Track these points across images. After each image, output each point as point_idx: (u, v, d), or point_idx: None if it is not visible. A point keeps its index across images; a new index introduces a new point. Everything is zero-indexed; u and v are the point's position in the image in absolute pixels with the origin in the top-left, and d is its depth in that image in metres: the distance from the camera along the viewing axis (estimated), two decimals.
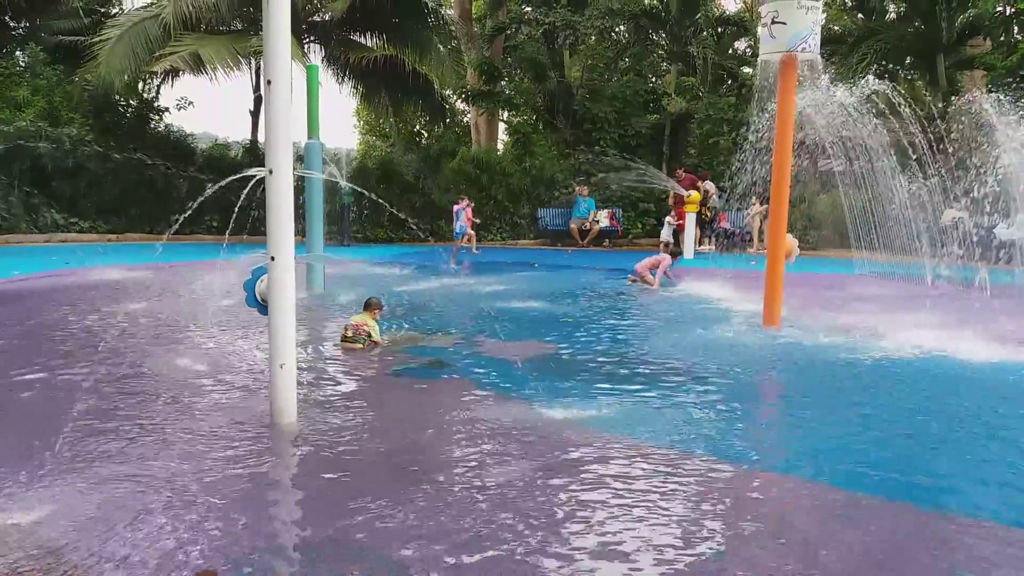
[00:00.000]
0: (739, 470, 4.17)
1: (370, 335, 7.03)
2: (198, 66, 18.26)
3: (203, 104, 54.07)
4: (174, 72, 19.48)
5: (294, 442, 4.50)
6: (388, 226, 20.04)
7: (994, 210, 10.80)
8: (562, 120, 22.32)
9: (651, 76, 25.54)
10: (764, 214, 15.40)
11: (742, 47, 24.41)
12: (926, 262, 10.70)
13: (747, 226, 17.68)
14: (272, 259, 4.55)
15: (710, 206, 18.08)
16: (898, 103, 10.13)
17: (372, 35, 21.42)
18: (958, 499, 3.84)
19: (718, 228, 18.04)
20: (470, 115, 26.31)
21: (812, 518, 3.65)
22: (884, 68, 18.64)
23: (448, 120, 25.07)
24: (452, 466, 4.12)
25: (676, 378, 6.10)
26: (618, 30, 24.70)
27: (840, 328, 8.02)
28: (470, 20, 24.80)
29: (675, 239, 16.98)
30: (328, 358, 6.75)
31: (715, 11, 24.74)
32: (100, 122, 19.32)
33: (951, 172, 10.57)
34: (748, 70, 21.92)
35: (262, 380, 5.62)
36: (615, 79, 24.06)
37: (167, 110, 21.02)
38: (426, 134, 27.09)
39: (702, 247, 17.59)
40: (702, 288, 11.35)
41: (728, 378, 6.15)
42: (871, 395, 5.72)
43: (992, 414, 5.33)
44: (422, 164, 21.01)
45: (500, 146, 25.38)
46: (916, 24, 20.14)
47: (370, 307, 7.27)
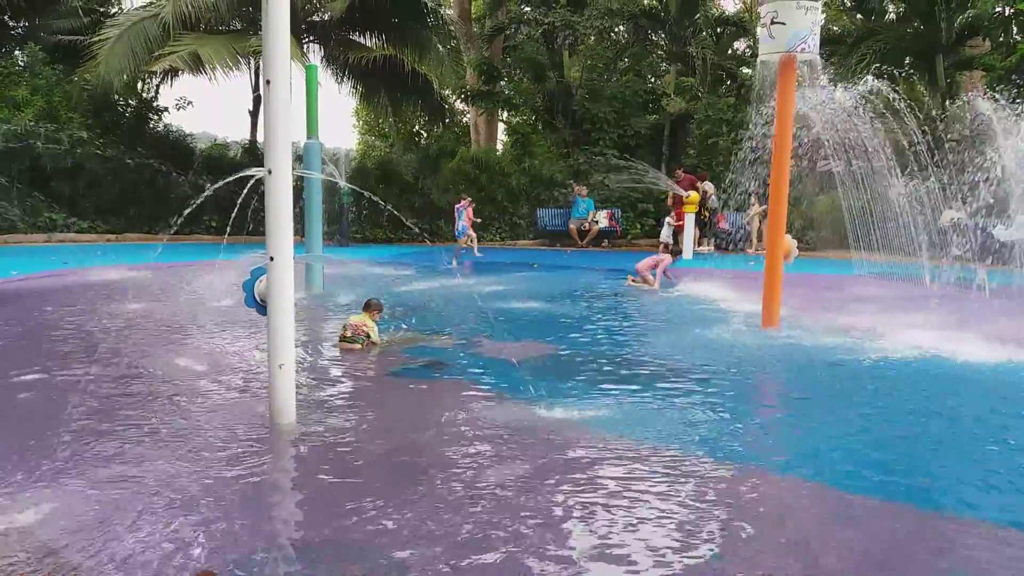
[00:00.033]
0: (739, 470, 4.18)
1: (369, 336, 7.02)
2: (197, 66, 18.25)
3: (202, 104, 54.24)
4: (173, 72, 19.48)
5: (293, 442, 4.50)
6: (387, 226, 20.04)
7: (992, 211, 10.81)
8: (561, 120, 22.32)
9: (650, 76, 25.55)
10: (763, 214, 15.41)
11: (741, 47, 24.43)
12: (925, 263, 10.71)
13: (746, 226, 17.69)
14: (271, 259, 4.55)
15: (709, 207, 18.09)
16: (894, 99, 10.13)
17: (371, 35, 21.42)
18: (958, 499, 3.84)
19: (717, 228, 18.04)
20: (469, 115, 26.31)
21: (812, 518, 3.65)
22: (883, 69, 18.63)
23: (447, 120, 25.05)
24: (452, 466, 4.12)
25: (675, 379, 6.11)
26: (617, 30, 24.69)
27: (839, 329, 8.02)
28: (469, 20, 24.80)
29: (675, 239, 16.98)
30: (327, 358, 6.75)
31: (714, 11, 24.75)
32: (99, 122, 19.31)
33: (950, 172, 10.58)
34: (747, 70, 21.93)
35: (261, 380, 5.62)
36: (614, 79, 24.06)
37: (166, 110, 21.07)
38: (425, 134, 27.07)
39: (701, 247, 17.60)
40: (701, 289, 11.36)
41: (727, 379, 6.16)
42: (870, 396, 5.72)
43: (991, 415, 5.34)
44: (421, 164, 21.01)
45: (499, 146, 25.38)
46: (915, 25, 20.15)
47: (370, 308, 7.25)
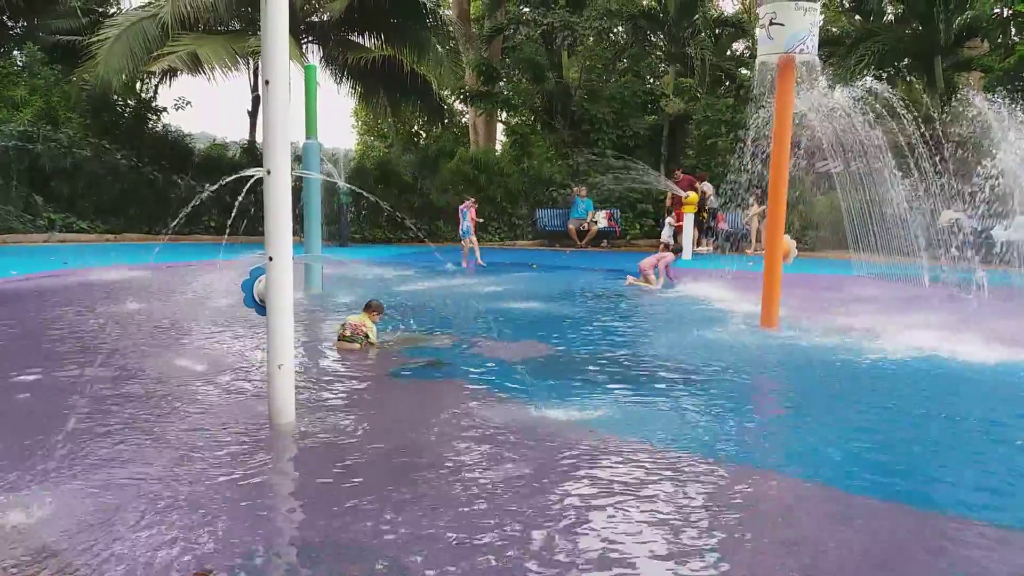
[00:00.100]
0: (738, 470, 4.17)
1: (367, 336, 7.01)
2: (196, 66, 18.26)
3: (201, 104, 54.19)
4: (172, 72, 19.47)
5: (293, 442, 4.49)
6: (386, 226, 20.05)
7: (992, 211, 10.83)
8: (560, 121, 22.32)
9: (649, 77, 25.57)
10: (762, 215, 15.41)
11: (740, 48, 24.47)
12: (924, 263, 10.72)
13: (745, 226, 17.70)
14: (270, 259, 4.55)
15: (707, 207, 18.10)
16: (892, 100, 10.13)
17: (370, 35, 21.42)
18: (957, 499, 3.84)
19: (716, 229, 18.06)
20: (468, 116, 26.30)
21: (812, 518, 3.65)
22: (882, 69, 18.65)
23: (446, 121, 25.05)
24: (452, 466, 4.12)
25: (674, 379, 6.11)
26: (616, 31, 24.72)
27: (838, 329, 8.02)
28: (468, 21, 24.80)
29: (675, 240, 16.99)
30: (327, 358, 6.75)
31: (713, 12, 24.76)
32: (98, 122, 19.30)
33: (948, 173, 10.59)
34: (746, 71, 21.96)
35: (260, 380, 5.61)
36: (613, 80, 24.08)
37: (165, 110, 21.07)
38: (424, 134, 27.08)
39: (700, 248, 17.61)
40: (700, 289, 11.37)
41: (726, 379, 6.16)
42: (869, 396, 5.72)
43: (991, 415, 5.34)
44: (420, 165, 21.02)
45: (498, 147, 25.38)
46: (914, 26, 20.17)
47: (371, 309, 7.24)
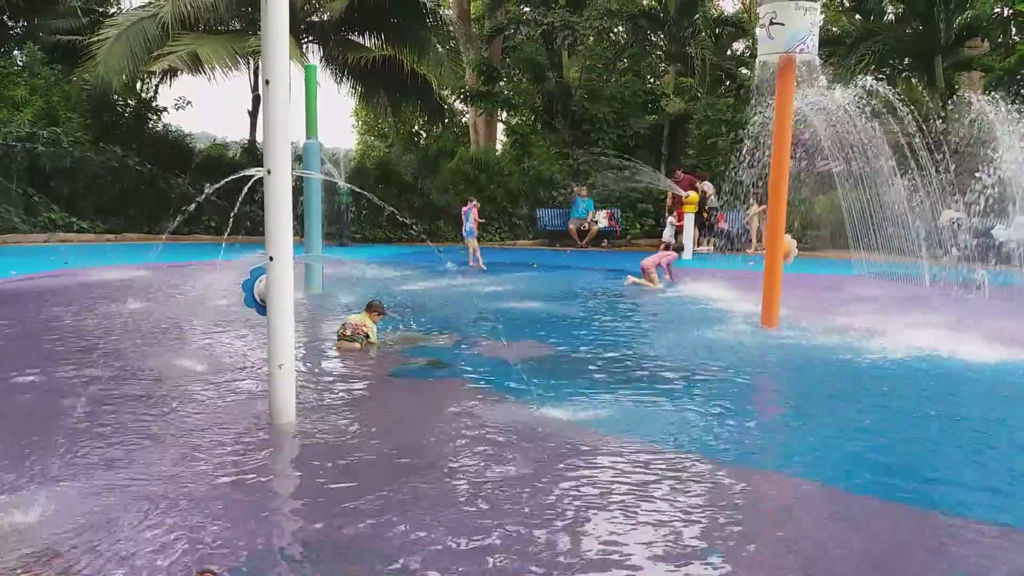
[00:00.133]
0: (738, 470, 4.17)
1: (368, 336, 7.01)
2: (196, 66, 18.25)
3: (201, 104, 54.17)
4: (172, 72, 19.46)
5: (293, 442, 4.49)
6: (386, 226, 20.05)
7: (992, 211, 10.82)
8: (561, 120, 22.32)
9: (649, 77, 25.56)
10: (762, 214, 15.41)
11: (740, 48, 24.45)
12: (924, 263, 10.72)
13: (746, 226, 17.69)
14: (271, 259, 4.55)
15: (708, 207, 18.09)
16: (892, 99, 10.13)
17: (370, 35, 21.42)
18: (958, 499, 3.84)
19: (717, 228, 18.05)
20: (468, 115, 26.30)
21: (812, 518, 3.65)
22: (882, 69, 18.67)
23: (447, 120, 25.04)
24: (452, 467, 4.12)
25: (675, 379, 6.11)
26: (617, 31, 24.70)
27: (839, 329, 8.02)
28: (469, 20, 24.79)
29: (676, 239, 16.98)
30: (328, 358, 6.75)
31: (713, 12, 24.75)
32: (98, 122, 19.30)
33: (949, 172, 10.59)
34: (746, 71, 21.94)
35: (261, 380, 5.61)
36: (614, 80, 24.06)
37: (165, 110, 21.06)
38: (424, 134, 27.08)
39: (701, 248, 17.61)
40: (701, 289, 11.36)
41: (727, 379, 6.15)
42: (870, 396, 5.71)
43: (991, 415, 5.34)
44: (420, 164, 21.01)
45: (499, 146, 25.37)
46: (914, 25, 20.16)
47: (372, 309, 7.23)
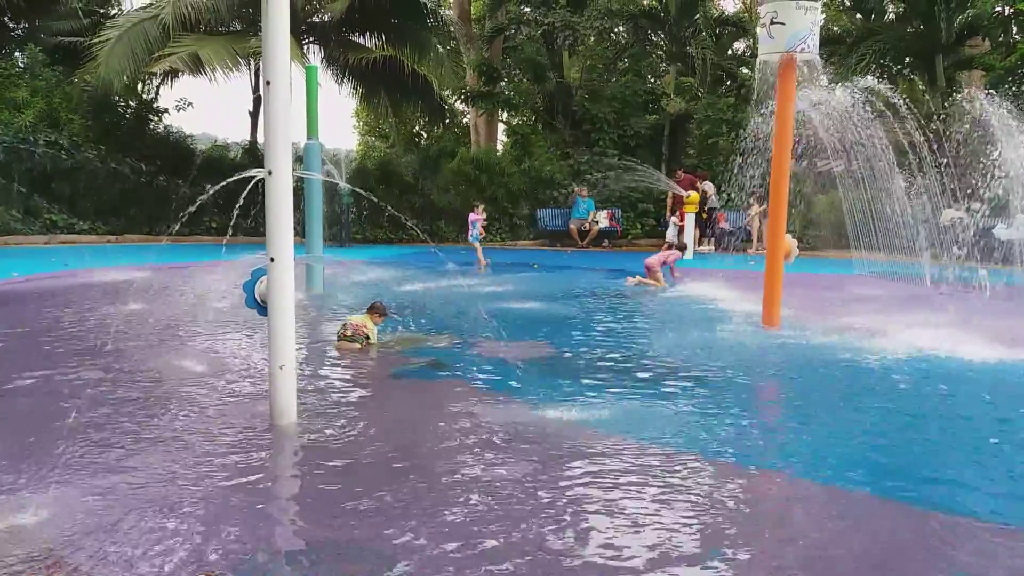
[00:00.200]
0: (739, 470, 4.18)
1: (368, 337, 7.01)
2: (197, 67, 18.26)
3: (202, 105, 54.15)
4: (173, 73, 19.48)
5: (294, 443, 4.50)
6: (387, 227, 20.05)
7: (994, 211, 10.82)
8: (561, 121, 22.32)
9: (650, 76, 25.58)
10: (763, 214, 15.41)
11: (741, 48, 24.45)
12: (925, 262, 10.72)
13: (747, 226, 17.69)
14: (271, 260, 4.55)
15: (708, 207, 18.09)
16: (893, 98, 10.14)
17: (371, 36, 21.43)
18: (958, 499, 3.84)
19: (718, 228, 18.05)
20: (469, 116, 26.31)
21: (812, 518, 3.65)
22: (883, 68, 18.65)
23: (447, 121, 25.06)
24: (453, 467, 4.12)
25: (676, 379, 6.11)
26: (617, 31, 24.71)
27: (839, 328, 8.02)
28: (469, 21, 24.80)
29: (678, 239, 16.98)
30: (328, 359, 6.75)
31: (714, 12, 24.75)
32: (99, 123, 19.32)
33: (950, 172, 10.58)
34: (747, 71, 21.94)
35: (262, 381, 5.62)
36: (614, 80, 24.07)
37: (166, 111, 21.07)
38: (425, 135, 27.10)
39: (701, 247, 17.61)
40: (702, 289, 11.37)
41: (727, 378, 6.15)
42: (870, 396, 5.71)
43: (992, 414, 5.34)
44: (421, 165, 21.01)
45: (499, 147, 25.38)
46: (915, 24, 20.16)
47: (374, 310, 7.23)
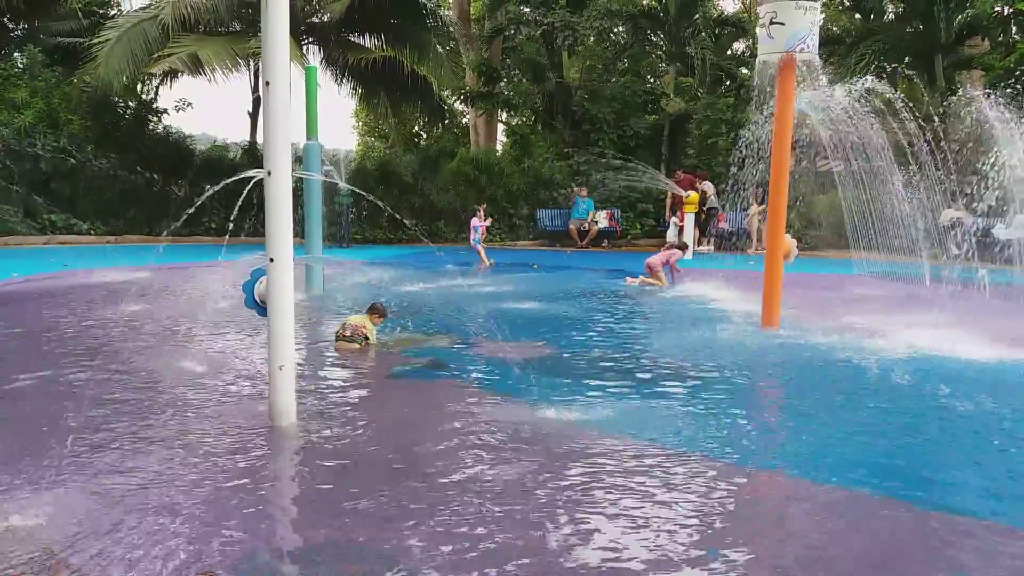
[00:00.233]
0: (738, 470, 4.17)
1: (367, 338, 7.01)
2: (197, 67, 18.28)
3: (202, 105, 54.19)
4: (173, 73, 19.49)
5: (294, 444, 4.49)
6: (387, 227, 20.06)
7: (993, 211, 10.82)
8: (561, 121, 22.34)
9: (650, 77, 25.60)
10: (763, 214, 15.41)
11: (740, 48, 24.47)
12: (925, 262, 10.72)
13: (746, 226, 17.70)
14: (271, 261, 4.55)
15: (707, 207, 18.10)
16: (893, 98, 10.14)
17: (371, 36, 21.45)
18: (958, 499, 3.84)
19: (717, 228, 18.06)
20: (469, 116, 26.32)
21: (811, 518, 3.65)
22: (883, 68, 18.67)
23: (447, 121, 25.08)
24: (452, 467, 4.12)
25: (675, 379, 6.11)
26: (617, 31, 24.73)
27: (839, 328, 8.02)
28: (469, 21, 24.82)
29: (679, 238, 16.99)
30: (328, 359, 6.74)
31: (713, 12, 24.78)
32: (99, 124, 19.33)
33: (949, 172, 10.59)
34: (746, 71, 21.95)
35: (261, 382, 5.62)
36: (614, 80, 24.09)
37: (166, 111, 21.10)
38: (425, 135, 27.12)
39: (701, 247, 17.61)
40: (701, 289, 11.37)
41: (727, 379, 6.15)
42: (870, 395, 5.71)
43: (992, 414, 5.33)
44: (421, 165, 21.03)
45: (499, 147, 25.40)
46: (914, 24, 20.17)
47: (374, 311, 7.22)
